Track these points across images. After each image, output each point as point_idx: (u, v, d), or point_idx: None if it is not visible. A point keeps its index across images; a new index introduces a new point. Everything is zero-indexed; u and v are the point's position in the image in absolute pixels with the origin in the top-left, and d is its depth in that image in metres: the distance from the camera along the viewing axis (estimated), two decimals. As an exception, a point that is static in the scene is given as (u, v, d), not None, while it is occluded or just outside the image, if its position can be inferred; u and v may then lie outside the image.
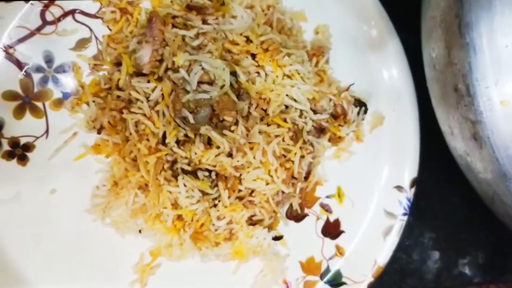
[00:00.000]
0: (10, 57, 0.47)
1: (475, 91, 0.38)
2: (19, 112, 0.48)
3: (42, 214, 0.48)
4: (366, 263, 0.53)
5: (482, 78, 0.38)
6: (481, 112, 0.39)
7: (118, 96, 0.47)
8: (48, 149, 0.48)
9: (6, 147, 0.47)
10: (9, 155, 0.47)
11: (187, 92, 0.45)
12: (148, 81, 0.46)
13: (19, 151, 0.48)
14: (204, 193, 0.47)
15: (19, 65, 0.47)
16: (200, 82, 0.45)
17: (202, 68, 0.44)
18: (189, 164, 0.47)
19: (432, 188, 0.59)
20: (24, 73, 0.48)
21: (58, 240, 0.48)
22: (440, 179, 0.59)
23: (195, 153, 0.46)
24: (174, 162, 0.47)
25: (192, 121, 0.45)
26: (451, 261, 0.59)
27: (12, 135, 0.48)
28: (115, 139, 0.48)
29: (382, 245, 0.53)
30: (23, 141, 0.48)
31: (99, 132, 0.49)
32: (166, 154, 0.46)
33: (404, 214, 0.54)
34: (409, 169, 0.54)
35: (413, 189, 0.55)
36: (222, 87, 0.45)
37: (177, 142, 0.47)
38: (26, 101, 0.48)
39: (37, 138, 0.48)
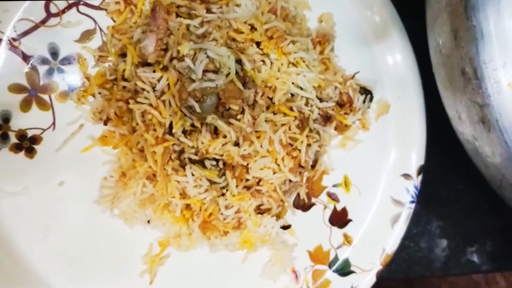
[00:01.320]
0: (15, 50, 0.47)
1: (482, 74, 0.38)
2: (25, 105, 0.48)
3: (50, 206, 0.48)
4: (375, 252, 0.53)
5: (490, 60, 0.38)
6: (489, 95, 0.38)
7: (124, 87, 0.47)
8: (55, 141, 0.48)
9: (13, 139, 0.47)
10: (16, 148, 0.47)
11: (193, 81, 0.45)
12: (154, 71, 0.46)
13: (27, 144, 0.48)
14: (212, 182, 0.47)
15: (25, 58, 0.47)
16: (205, 71, 0.45)
17: (207, 57, 0.44)
18: (196, 154, 0.47)
19: (439, 176, 0.59)
20: (30, 66, 0.48)
21: (66, 232, 0.48)
22: (447, 166, 0.59)
23: (202, 143, 0.46)
24: (181, 151, 0.47)
25: (198, 110, 0.45)
26: (458, 249, 0.59)
27: (20, 128, 0.48)
28: (121, 130, 0.48)
29: (390, 233, 0.53)
30: (30, 133, 0.48)
31: (105, 124, 0.49)
32: (173, 144, 0.46)
33: (412, 202, 0.54)
34: (416, 156, 0.54)
35: (420, 177, 0.54)
36: (227, 75, 0.45)
37: (184, 131, 0.47)
38: (32, 93, 0.48)
39: (44, 130, 0.48)
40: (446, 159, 0.59)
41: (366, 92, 0.54)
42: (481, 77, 0.38)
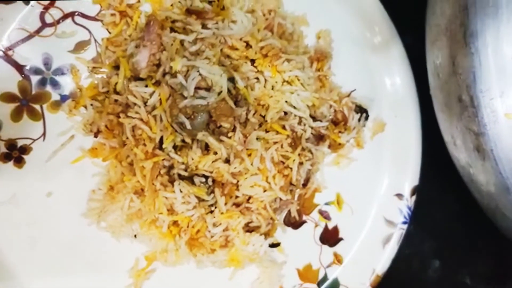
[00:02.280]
0: (8, 59, 0.47)
1: (479, 103, 0.37)
2: (16, 114, 0.47)
3: (38, 216, 0.48)
4: (365, 272, 0.52)
5: (487, 89, 0.37)
6: (485, 124, 0.38)
7: (116, 100, 0.47)
8: (45, 152, 0.48)
9: (3, 149, 0.47)
10: (5, 157, 0.47)
11: (184, 97, 0.44)
12: (146, 86, 0.45)
13: (16, 154, 0.47)
14: (200, 199, 0.47)
15: (18, 67, 0.47)
16: (197, 88, 0.44)
17: (200, 74, 0.44)
18: (185, 170, 0.46)
19: (433, 196, 0.58)
20: (23, 75, 0.47)
21: (53, 243, 0.48)
22: (441, 186, 0.58)
23: (192, 159, 0.46)
24: (171, 167, 0.47)
25: (189, 126, 0.44)
26: (452, 270, 0.59)
27: (9, 137, 0.47)
28: (112, 143, 0.47)
29: (381, 254, 0.53)
30: (20, 143, 0.48)
31: (96, 136, 0.48)
32: (162, 159, 0.46)
33: (404, 223, 0.53)
34: (410, 177, 0.54)
35: (413, 198, 0.54)
36: (219, 93, 0.45)
37: (174, 147, 0.46)
38: (24, 103, 0.48)
39: (34, 140, 0.48)
40: (441, 180, 0.58)
41: (362, 110, 0.53)
42: (478, 106, 0.38)
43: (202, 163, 0.46)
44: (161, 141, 0.46)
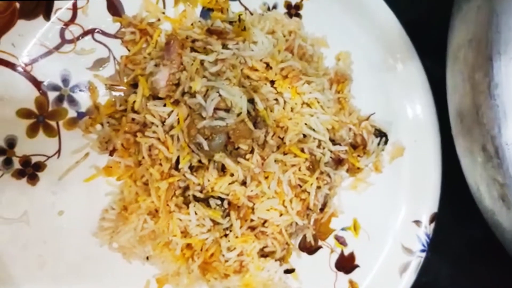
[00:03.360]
0: (27, 74, 0.47)
1: (504, 154, 0.36)
2: (32, 131, 0.47)
3: (48, 235, 0.47)
4: (381, 300, 0.51)
5: (512, 142, 0.36)
6: (510, 176, 0.36)
7: (133, 119, 0.46)
8: (59, 169, 0.47)
9: (17, 165, 0.46)
10: (19, 174, 0.46)
11: (203, 118, 0.44)
12: (164, 105, 0.45)
13: (30, 170, 0.47)
14: (215, 223, 0.46)
15: (36, 83, 0.47)
16: (216, 109, 0.44)
17: (219, 95, 0.43)
18: (201, 191, 0.45)
19: (452, 222, 0.57)
20: (40, 91, 0.47)
21: (63, 263, 0.47)
22: (459, 212, 0.57)
23: (208, 180, 0.45)
24: (186, 188, 0.46)
25: (206, 148, 0.44)
26: (470, 300, 0.57)
27: (24, 154, 0.47)
28: (127, 162, 0.47)
29: (398, 282, 0.51)
30: (34, 160, 0.47)
31: (111, 154, 0.48)
32: (178, 180, 0.45)
33: (423, 251, 0.52)
34: (429, 203, 0.52)
35: (432, 225, 0.53)
36: (238, 114, 0.44)
37: (190, 167, 0.45)
38: (40, 120, 0.47)
39: (49, 157, 0.47)
40: (460, 206, 0.56)
41: (381, 134, 0.52)
42: (503, 157, 0.36)
43: (218, 185, 0.45)
44: (177, 161, 0.45)
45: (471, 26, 0.39)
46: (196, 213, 0.45)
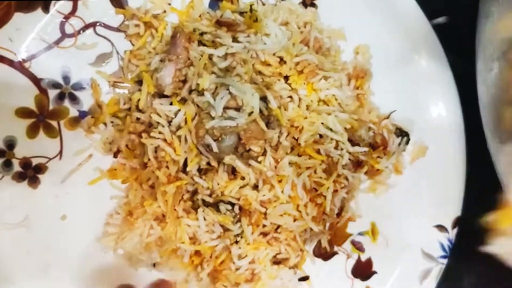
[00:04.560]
0: (25, 71, 0.44)
1: None
2: (32, 131, 0.45)
3: (51, 241, 0.45)
4: (399, 309, 0.49)
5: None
6: None
7: (138, 118, 0.44)
8: (61, 172, 0.46)
9: (17, 168, 0.45)
10: (19, 177, 0.45)
11: (212, 117, 0.42)
12: (171, 103, 0.43)
13: (31, 173, 0.45)
14: (225, 229, 0.43)
15: (35, 80, 0.45)
16: (226, 108, 0.41)
17: (229, 93, 0.41)
18: (210, 195, 0.44)
19: (475, 227, 0.54)
20: (40, 89, 0.45)
21: (66, 269, 0.45)
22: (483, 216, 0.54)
23: (218, 184, 0.43)
24: (195, 192, 0.44)
25: (215, 149, 0.41)
26: (493, 308, 0.54)
27: (24, 155, 0.45)
28: (132, 164, 0.45)
29: (418, 290, 0.49)
30: (35, 162, 0.45)
31: (115, 156, 0.46)
32: (186, 184, 0.43)
33: (444, 257, 0.50)
34: (452, 207, 0.50)
35: (455, 230, 0.50)
36: (250, 114, 0.41)
37: (199, 170, 0.44)
38: (40, 119, 0.45)
39: (50, 159, 0.45)
40: (484, 210, 0.53)
41: (402, 133, 0.50)
42: None
43: (229, 188, 0.43)
44: (185, 163, 0.43)
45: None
46: (205, 219, 0.43)
